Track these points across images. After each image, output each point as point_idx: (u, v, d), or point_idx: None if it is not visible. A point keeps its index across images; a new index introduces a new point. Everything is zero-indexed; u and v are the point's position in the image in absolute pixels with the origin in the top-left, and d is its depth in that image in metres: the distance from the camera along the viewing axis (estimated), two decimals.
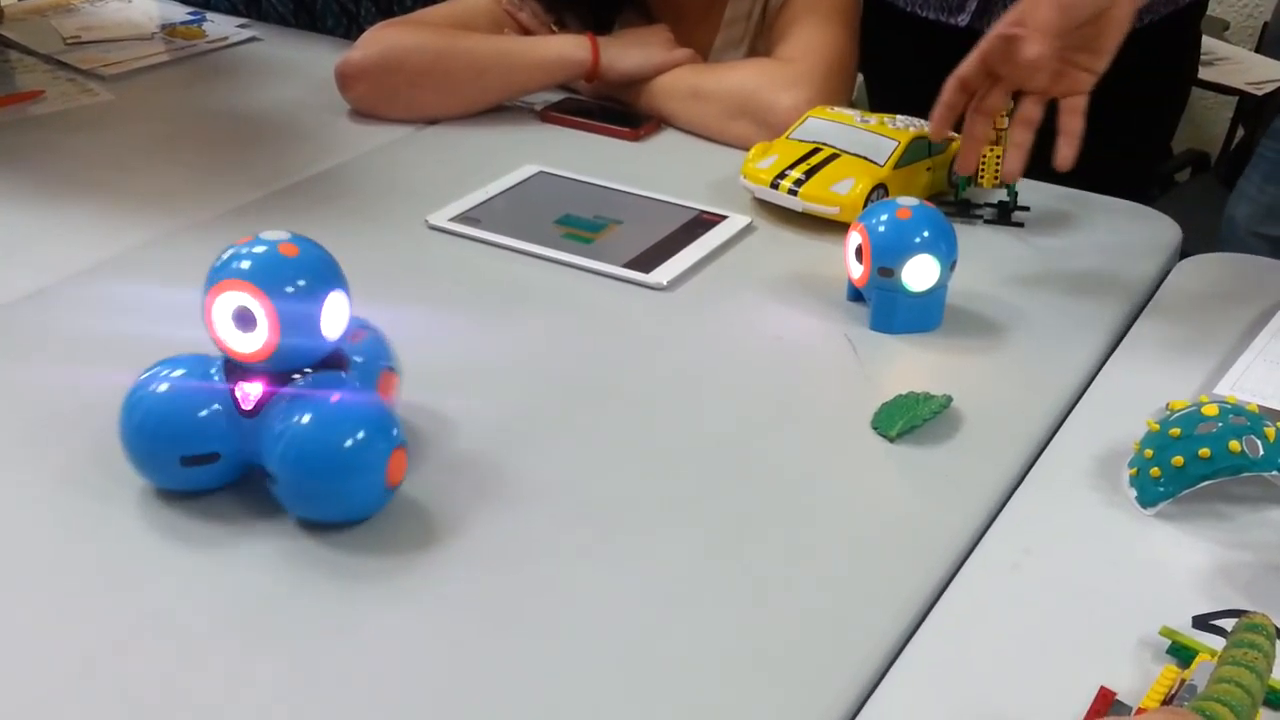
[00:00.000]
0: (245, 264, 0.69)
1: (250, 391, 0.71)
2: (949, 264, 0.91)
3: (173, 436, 0.71)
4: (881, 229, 0.91)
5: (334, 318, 0.71)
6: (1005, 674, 0.64)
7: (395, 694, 0.62)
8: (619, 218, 1.09)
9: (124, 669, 0.63)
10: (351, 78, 1.27)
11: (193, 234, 1.06)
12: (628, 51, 1.28)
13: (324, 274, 0.71)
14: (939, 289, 0.92)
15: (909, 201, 0.92)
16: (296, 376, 0.71)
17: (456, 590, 0.69)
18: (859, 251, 0.92)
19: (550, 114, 1.29)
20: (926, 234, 0.90)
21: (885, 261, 0.91)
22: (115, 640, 0.65)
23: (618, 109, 1.29)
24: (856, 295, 0.96)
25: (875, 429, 0.82)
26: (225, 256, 0.70)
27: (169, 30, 1.52)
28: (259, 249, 0.70)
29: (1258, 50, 2.46)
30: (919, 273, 0.90)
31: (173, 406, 0.71)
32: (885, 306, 0.93)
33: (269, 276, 0.69)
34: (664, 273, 1.00)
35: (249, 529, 0.72)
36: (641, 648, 0.66)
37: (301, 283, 0.69)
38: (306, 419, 0.69)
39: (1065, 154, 0.95)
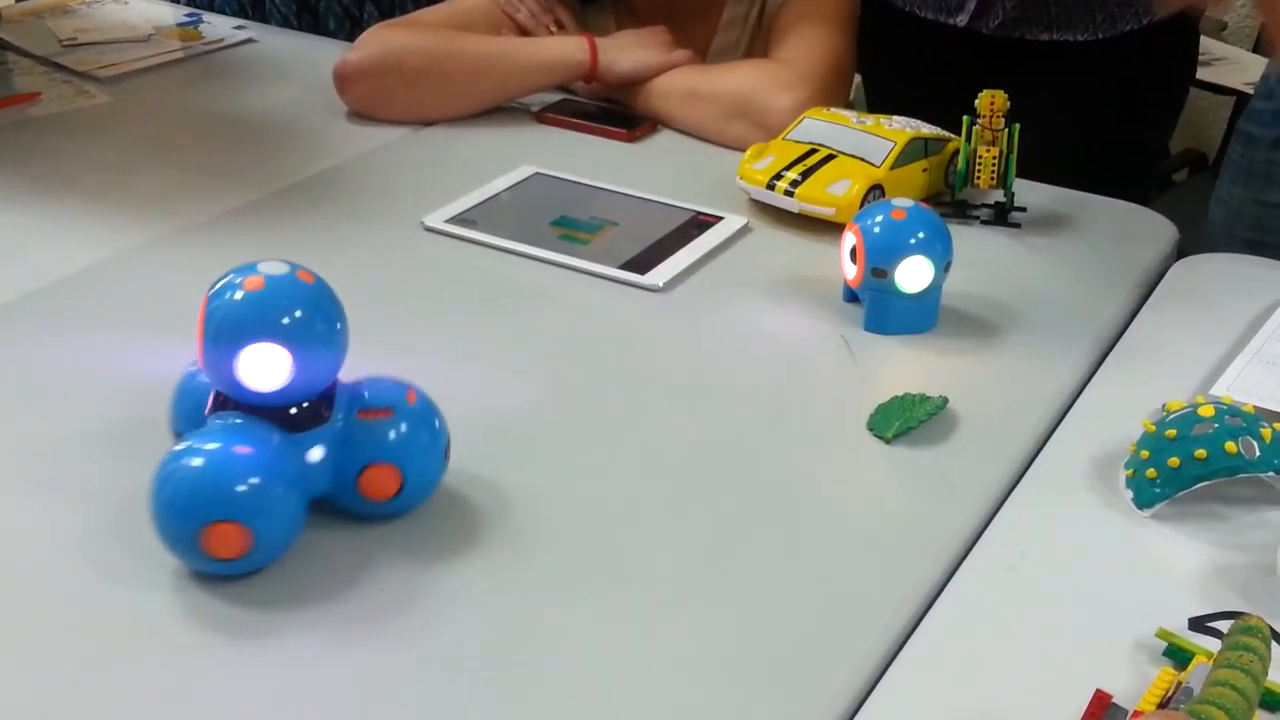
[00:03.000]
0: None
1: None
2: (943, 265, 0.91)
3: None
4: (876, 230, 0.91)
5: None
6: (1001, 676, 0.64)
7: (395, 693, 0.62)
8: (615, 219, 1.09)
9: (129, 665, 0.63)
10: (349, 79, 1.27)
11: (190, 236, 1.06)
12: (626, 53, 1.28)
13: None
14: (933, 290, 0.92)
15: (904, 203, 0.91)
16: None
17: (451, 590, 0.69)
18: (853, 252, 0.92)
19: (547, 115, 1.29)
20: (921, 235, 0.90)
21: (879, 262, 0.90)
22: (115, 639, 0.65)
23: (614, 110, 1.29)
24: (852, 296, 0.96)
25: (871, 430, 0.82)
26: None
27: (166, 32, 1.52)
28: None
29: (1255, 50, 2.46)
30: (912, 274, 0.90)
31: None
32: (879, 307, 0.92)
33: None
34: (660, 274, 1.00)
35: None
36: (638, 649, 0.66)
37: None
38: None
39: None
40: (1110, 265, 1.03)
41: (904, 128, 1.09)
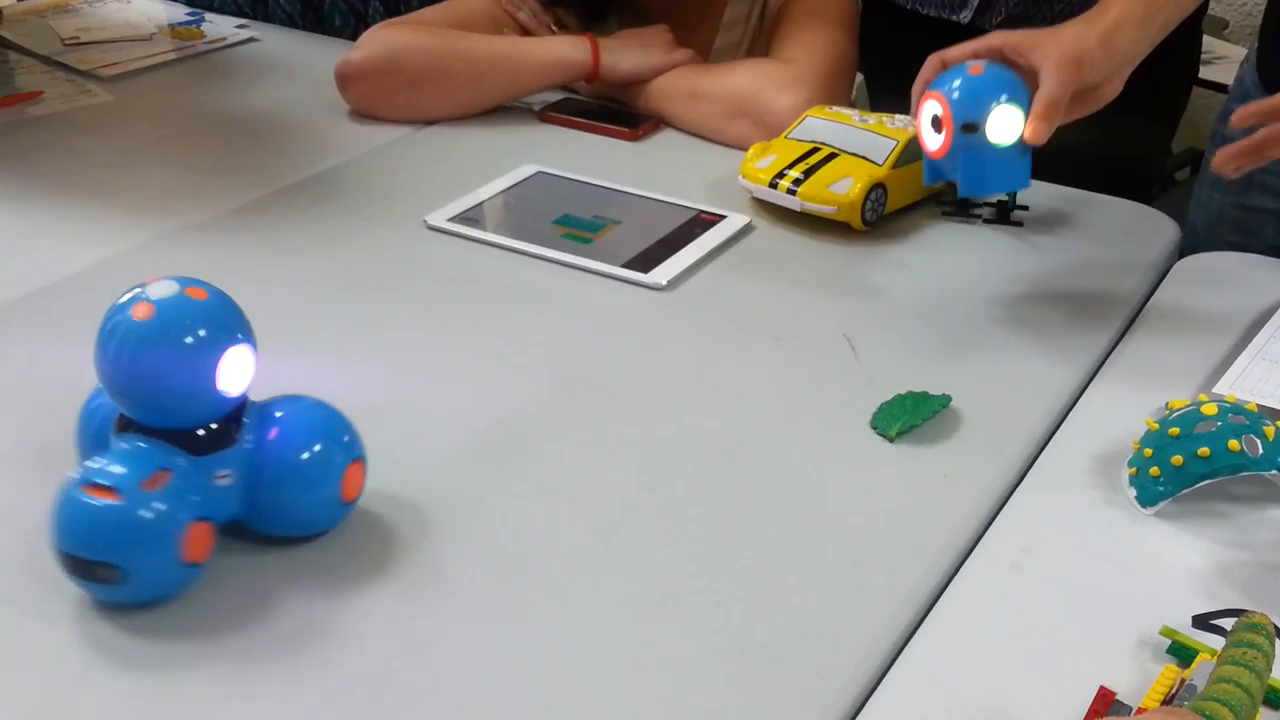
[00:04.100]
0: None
1: None
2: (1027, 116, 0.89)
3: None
4: (959, 88, 0.89)
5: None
6: (1005, 674, 0.64)
7: (394, 693, 0.62)
8: (618, 218, 1.09)
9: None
10: (351, 78, 1.27)
11: (192, 234, 1.06)
12: (628, 52, 1.28)
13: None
14: (1022, 142, 0.90)
15: (978, 61, 0.90)
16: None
17: (455, 588, 0.69)
18: (936, 121, 0.90)
19: (549, 114, 1.29)
20: (1004, 86, 0.89)
21: (969, 117, 0.89)
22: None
23: (617, 109, 1.29)
24: (936, 175, 0.94)
25: (874, 429, 0.82)
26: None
27: (168, 31, 1.52)
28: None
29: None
30: (1004, 124, 0.89)
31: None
32: (974, 168, 0.91)
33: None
34: (663, 272, 1.00)
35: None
36: (641, 647, 0.66)
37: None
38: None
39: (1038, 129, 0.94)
40: (1113, 264, 1.03)
41: (906, 126, 1.09)
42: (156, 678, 0.64)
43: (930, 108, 0.91)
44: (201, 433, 0.67)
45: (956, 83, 0.90)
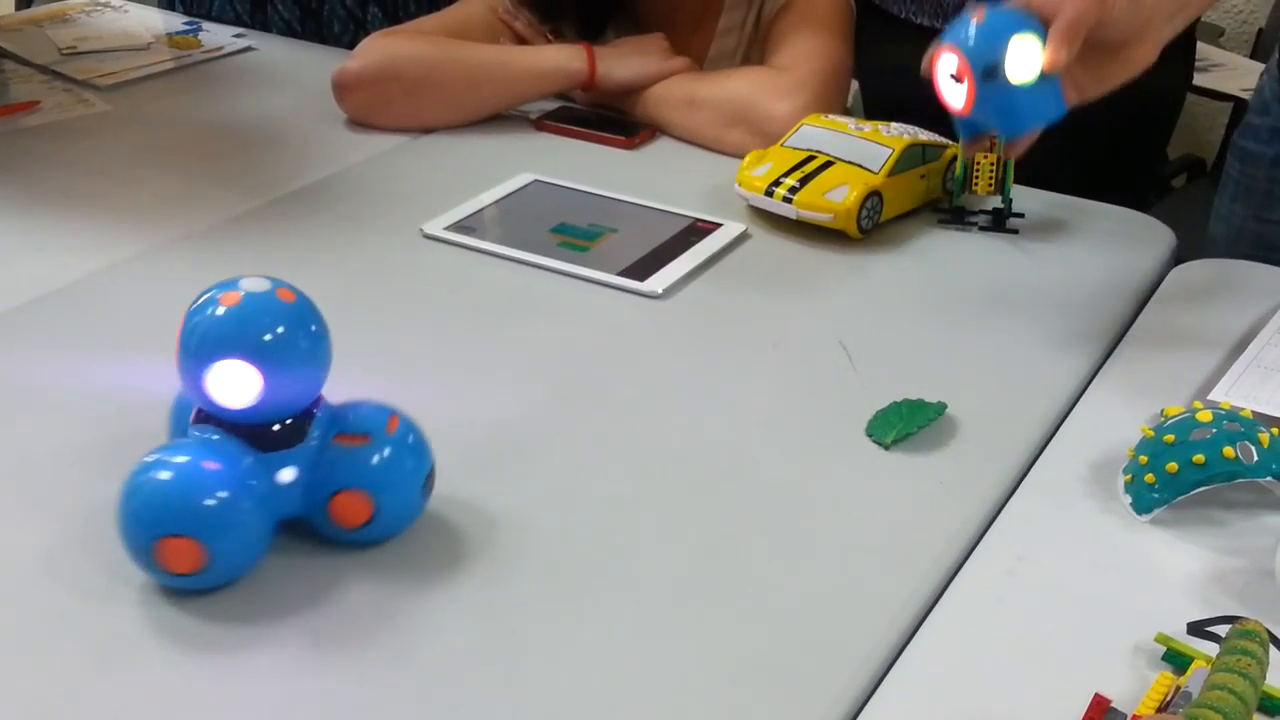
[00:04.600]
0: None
1: None
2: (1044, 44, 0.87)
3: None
4: (971, 34, 0.87)
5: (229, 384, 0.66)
6: (1000, 681, 0.64)
7: (382, 697, 0.62)
8: (614, 226, 1.09)
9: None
10: (348, 87, 1.27)
11: (189, 244, 1.07)
12: (624, 61, 1.28)
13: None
14: (1047, 75, 0.87)
15: (977, 7, 0.89)
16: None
17: (449, 597, 0.69)
18: (954, 76, 0.89)
19: (545, 123, 1.29)
20: (1013, 22, 0.87)
21: (986, 60, 0.87)
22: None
23: (613, 117, 1.30)
24: (971, 130, 0.93)
25: (870, 436, 0.82)
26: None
27: (165, 40, 1.52)
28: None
29: (1252, 56, 2.47)
30: (1023, 59, 0.87)
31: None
32: (1006, 111, 0.89)
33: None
34: (659, 280, 1.00)
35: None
36: (637, 655, 0.66)
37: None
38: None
39: (1016, 148, 0.94)
40: (1108, 271, 1.03)
41: (902, 134, 1.10)
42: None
43: (946, 64, 0.89)
44: (275, 429, 0.68)
45: (966, 31, 0.88)
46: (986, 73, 0.87)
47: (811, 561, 0.72)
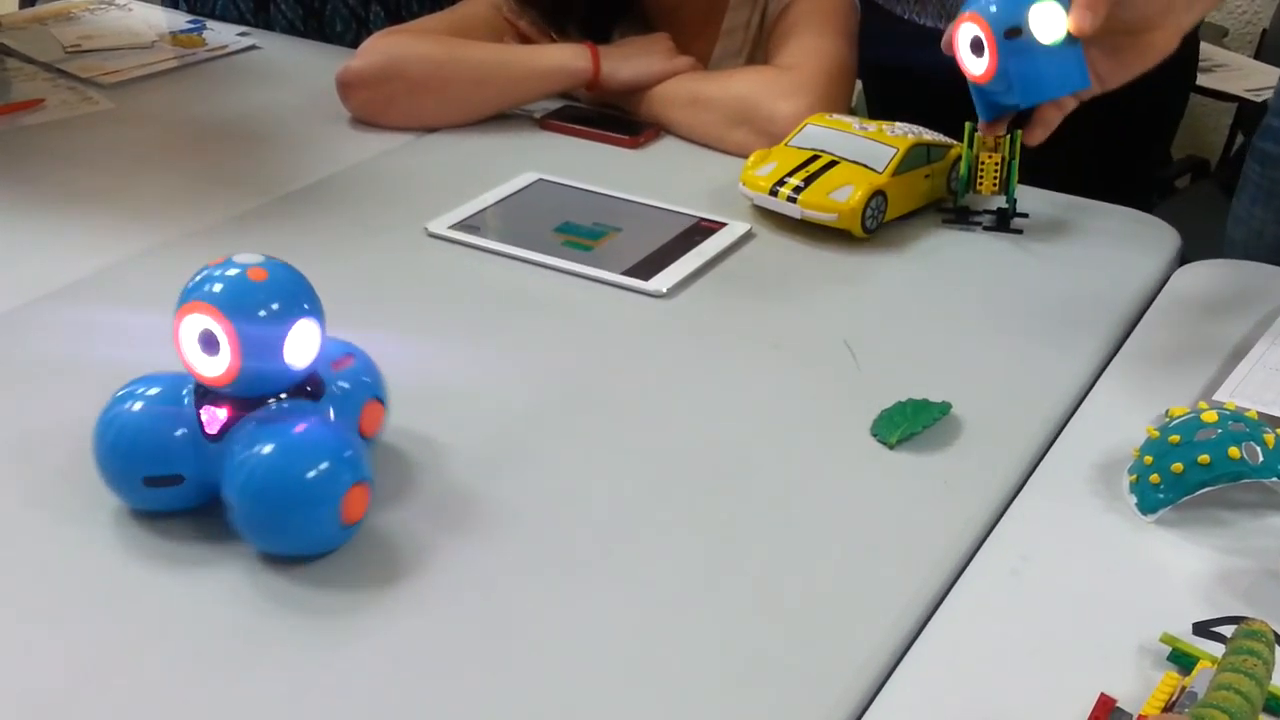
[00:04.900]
0: (213, 287, 0.68)
1: (216, 415, 0.70)
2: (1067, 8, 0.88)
3: (138, 456, 0.70)
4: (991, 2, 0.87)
5: (302, 345, 0.69)
6: (1005, 681, 0.64)
7: (389, 699, 0.62)
8: (618, 225, 1.09)
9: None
10: (352, 86, 1.27)
11: (193, 241, 1.06)
12: (628, 60, 1.28)
13: (292, 300, 0.69)
14: (1070, 39, 0.88)
15: None
16: (270, 402, 0.70)
17: (454, 597, 0.69)
18: (977, 44, 0.88)
19: (550, 122, 1.29)
20: None
21: (1010, 20, 0.86)
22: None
23: (617, 117, 1.30)
24: (990, 105, 0.92)
25: (874, 436, 0.82)
26: (196, 279, 0.69)
27: (169, 39, 1.52)
28: (229, 272, 0.68)
29: (1256, 56, 2.47)
30: (1047, 19, 0.87)
31: (141, 426, 0.70)
32: (1028, 75, 0.88)
33: (233, 301, 0.67)
34: (663, 280, 1.00)
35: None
36: (640, 655, 0.66)
37: (266, 309, 0.67)
38: (266, 449, 0.68)
39: (1035, 134, 0.95)
40: (1113, 271, 1.03)
41: (906, 134, 1.10)
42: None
43: (966, 32, 0.88)
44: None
45: None
46: (1009, 34, 0.86)
47: (815, 561, 0.72)
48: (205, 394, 0.70)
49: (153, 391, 0.71)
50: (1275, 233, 1.19)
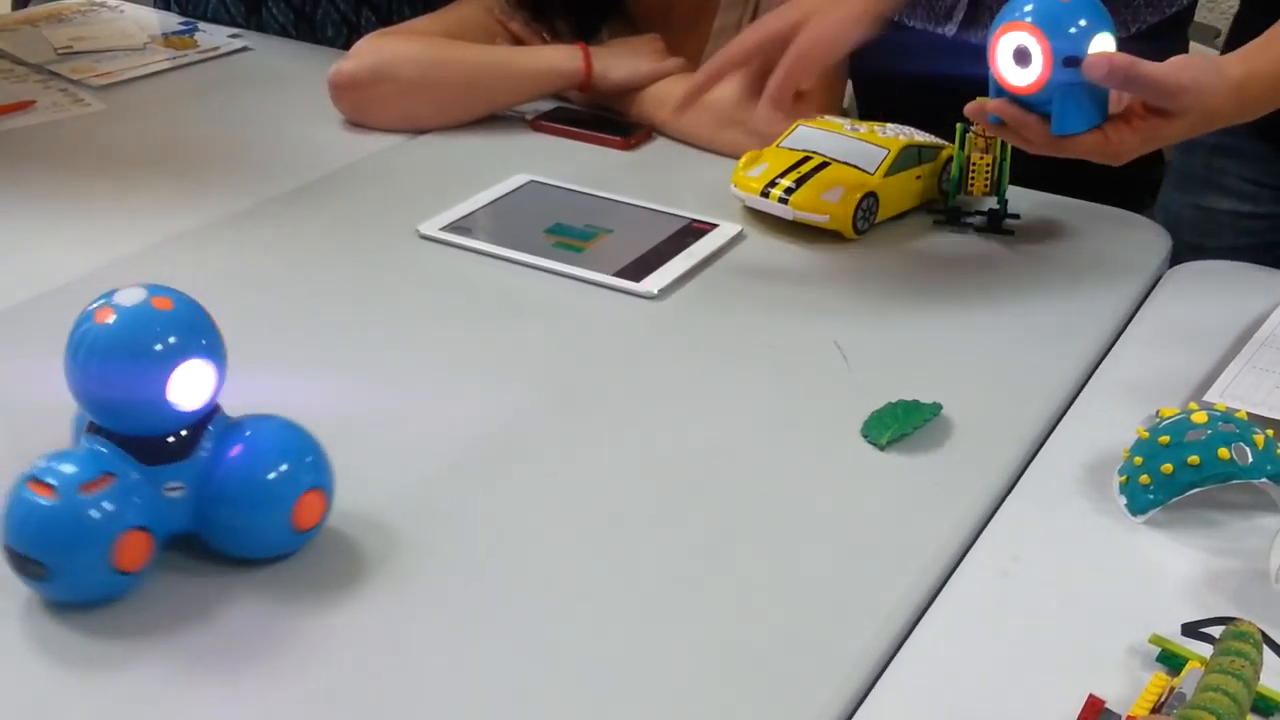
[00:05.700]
0: None
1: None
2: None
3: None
4: (1055, 19, 0.84)
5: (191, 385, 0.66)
6: (995, 682, 0.64)
7: (371, 707, 0.62)
8: (610, 226, 1.09)
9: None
10: (343, 87, 1.27)
11: (183, 243, 1.06)
12: (620, 61, 1.28)
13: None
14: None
15: None
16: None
17: (444, 599, 0.69)
18: (1021, 54, 0.84)
19: (541, 123, 1.29)
20: (1097, 14, 0.84)
21: (1072, 49, 0.83)
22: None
23: (609, 118, 1.30)
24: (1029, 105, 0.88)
25: (865, 437, 0.82)
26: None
27: (161, 41, 1.52)
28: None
29: None
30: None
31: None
32: (1074, 103, 0.86)
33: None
34: (654, 281, 1.00)
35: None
36: (631, 656, 0.66)
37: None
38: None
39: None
40: (1104, 272, 1.03)
41: (897, 135, 1.10)
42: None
43: (1014, 39, 0.84)
44: (162, 442, 0.67)
45: (1047, 10, 0.83)
46: (1068, 62, 0.84)
47: (805, 562, 0.72)
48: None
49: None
50: (1192, 215, 1.21)
